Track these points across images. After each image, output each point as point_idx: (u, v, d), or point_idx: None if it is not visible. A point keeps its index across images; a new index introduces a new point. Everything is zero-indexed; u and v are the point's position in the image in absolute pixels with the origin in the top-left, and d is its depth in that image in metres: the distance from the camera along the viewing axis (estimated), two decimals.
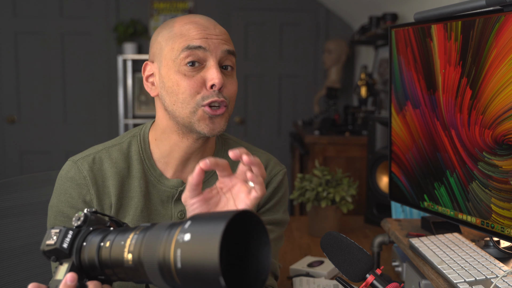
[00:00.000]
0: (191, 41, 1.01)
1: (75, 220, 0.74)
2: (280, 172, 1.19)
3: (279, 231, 1.20)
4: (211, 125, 1.03)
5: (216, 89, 1.01)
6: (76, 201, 1.06)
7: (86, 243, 0.71)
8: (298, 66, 4.38)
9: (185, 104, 1.02)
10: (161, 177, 1.11)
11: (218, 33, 1.04)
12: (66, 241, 0.72)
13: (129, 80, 4.29)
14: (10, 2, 4.20)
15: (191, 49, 1.01)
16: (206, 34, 1.02)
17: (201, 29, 1.03)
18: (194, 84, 1.01)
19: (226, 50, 1.03)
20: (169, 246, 0.59)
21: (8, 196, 1.34)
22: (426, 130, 1.37)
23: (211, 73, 1.01)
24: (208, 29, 1.03)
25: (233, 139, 1.22)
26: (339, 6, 4.17)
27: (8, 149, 4.35)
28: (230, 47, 1.05)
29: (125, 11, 4.27)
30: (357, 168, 2.93)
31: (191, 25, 1.03)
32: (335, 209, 2.01)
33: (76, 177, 1.07)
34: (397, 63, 1.44)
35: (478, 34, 1.16)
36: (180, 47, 1.02)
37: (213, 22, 1.06)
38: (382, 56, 3.51)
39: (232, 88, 1.05)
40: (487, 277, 1.05)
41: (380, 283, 0.94)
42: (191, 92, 1.01)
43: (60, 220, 1.07)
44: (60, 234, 0.72)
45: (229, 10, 4.32)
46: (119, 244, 0.67)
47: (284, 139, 4.35)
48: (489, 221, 1.19)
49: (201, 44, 1.01)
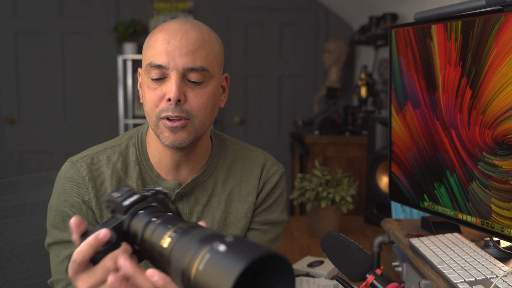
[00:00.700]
0: (154, 57, 1.00)
1: (144, 190, 0.78)
2: (277, 172, 1.19)
3: (276, 231, 1.20)
4: (172, 137, 1.02)
5: (172, 102, 0.99)
6: (75, 200, 1.07)
7: (143, 211, 0.74)
8: (298, 66, 4.38)
9: (149, 115, 1.04)
10: (158, 178, 1.11)
11: (183, 44, 1.00)
12: (128, 200, 0.75)
13: (129, 80, 4.29)
14: (10, 2, 4.20)
15: (153, 67, 1.00)
16: (169, 49, 1.00)
17: (166, 41, 1.00)
18: (154, 97, 1.01)
19: (187, 68, 1.00)
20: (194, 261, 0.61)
21: (8, 196, 1.34)
22: (426, 130, 1.37)
23: (169, 87, 1.00)
24: (174, 40, 1.00)
25: (230, 139, 1.22)
26: (339, 6, 4.17)
27: (8, 149, 4.34)
28: (195, 64, 1.00)
29: (125, 11, 4.27)
30: (357, 168, 2.93)
31: (160, 34, 1.01)
32: (335, 209, 2.01)
33: (75, 177, 1.07)
34: (397, 63, 1.44)
35: (478, 34, 1.16)
36: (147, 61, 1.03)
37: (187, 27, 1.02)
38: (382, 56, 3.51)
39: (198, 101, 1.02)
40: (487, 277, 1.05)
41: (380, 283, 0.94)
42: (151, 105, 1.02)
43: (59, 219, 1.07)
44: (127, 193, 0.76)
45: (229, 10, 4.32)
46: (162, 231, 0.69)
47: (284, 139, 4.35)
48: (489, 221, 1.19)
49: (161, 63, 1.00)
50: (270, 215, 1.19)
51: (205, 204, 1.13)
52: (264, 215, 1.18)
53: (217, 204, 1.14)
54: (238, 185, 1.16)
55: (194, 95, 1.01)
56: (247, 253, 0.58)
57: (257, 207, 1.18)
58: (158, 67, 1.00)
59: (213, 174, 1.15)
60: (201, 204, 1.13)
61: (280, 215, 1.20)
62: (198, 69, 1.00)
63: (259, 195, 1.18)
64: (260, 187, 1.17)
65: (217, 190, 1.14)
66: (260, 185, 1.17)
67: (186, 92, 1.01)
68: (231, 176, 1.16)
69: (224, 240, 0.61)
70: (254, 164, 1.18)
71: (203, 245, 0.62)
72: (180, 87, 0.99)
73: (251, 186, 1.16)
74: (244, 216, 1.16)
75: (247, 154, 1.19)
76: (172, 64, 0.99)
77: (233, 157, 1.18)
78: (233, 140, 1.22)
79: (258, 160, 1.19)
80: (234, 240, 0.61)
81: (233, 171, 1.16)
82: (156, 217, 0.73)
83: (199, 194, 1.13)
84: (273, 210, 1.19)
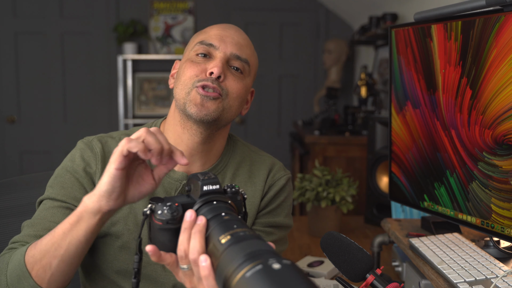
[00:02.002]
0: (207, 38, 1.09)
1: (228, 186, 0.81)
2: (283, 177, 1.20)
3: (279, 234, 1.20)
4: (200, 107, 1.05)
5: (214, 76, 1.05)
6: (80, 168, 1.08)
7: (216, 203, 0.77)
8: (298, 66, 4.38)
9: (183, 85, 1.07)
10: None
11: (235, 38, 1.10)
12: (208, 187, 0.78)
13: (129, 80, 4.29)
14: (10, 2, 4.20)
15: (203, 44, 1.08)
16: (223, 35, 1.09)
17: (221, 30, 1.11)
18: (196, 69, 1.07)
19: (235, 54, 1.09)
20: (244, 266, 0.61)
21: (8, 196, 1.34)
22: (426, 130, 1.37)
23: (214, 63, 1.06)
24: (228, 31, 1.11)
25: (241, 141, 1.24)
26: (339, 6, 4.17)
27: (8, 149, 4.34)
28: (242, 54, 1.10)
29: (125, 11, 4.27)
30: (357, 168, 2.93)
31: (217, 27, 1.12)
32: (335, 209, 2.01)
33: (87, 150, 1.10)
34: (397, 63, 1.44)
35: (478, 34, 1.16)
36: (197, 40, 1.10)
37: (238, 29, 1.13)
38: (382, 56, 3.51)
39: (234, 85, 1.08)
40: (487, 277, 1.05)
41: (380, 283, 0.94)
42: (191, 75, 1.07)
43: (58, 181, 1.08)
44: (210, 180, 0.79)
45: (229, 10, 4.32)
46: (226, 227, 0.71)
47: (284, 139, 4.35)
48: (489, 221, 1.19)
49: (212, 43, 1.08)
50: (274, 218, 1.19)
51: None
52: (268, 217, 1.19)
53: None
54: (244, 186, 1.17)
55: (232, 78, 1.09)
56: (297, 281, 0.56)
57: (262, 209, 1.18)
58: (208, 45, 1.08)
59: (222, 171, 1.16)
60: None
61: (284, 219, 1.20)
62: (243, 59, 1.10)
63: (264, 197, 1.18)
64: (265, 190, 1.18)
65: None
66: (266, 188, 1.18)
67: (226, 73, 1.08)
68: (238, 176, 1.17)
69: (281, 260, 0.60)
70: (261, 167, 1.19)
71: (258, 256, 0.62)
72: (224, 66, 1.07)
73: (257, 188, 1.17)
74: (248, 217, 1.16)
75: (255, 157, 1.21)
76: (223, 46, 1.08)
77: (242, 158, 1.19)
78: (244, 142, 1.24)
79: (266, 164, 1.20)
80: (291, 264, 0.60)
81: (240, 172, 1.18)
82: (226, 213, 0.74)
83: None
84: (277, 213, 1.20)
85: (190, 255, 0.73)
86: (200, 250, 0.72)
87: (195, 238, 0.73)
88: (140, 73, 4.33)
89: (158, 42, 4.27)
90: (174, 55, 4.18)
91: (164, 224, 0.76)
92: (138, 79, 4.33)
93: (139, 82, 4.34)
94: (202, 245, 0.72)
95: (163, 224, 0.76)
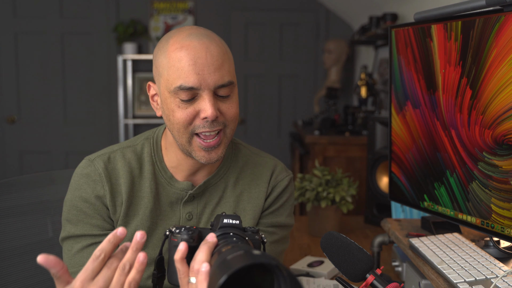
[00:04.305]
0: (183, 80, 1.00)
1: (250, 228, 0.89)
2: (285, 178, 1.23)
3: (281, 234, 1.23)
4: (207, 156, 1.06)
5: (209, 120, 1.02)
6: (90, 195, 1.09)
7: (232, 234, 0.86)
8: (298, 66, 4.38)
9: (180, 133, 1.05)
10: (171, 179, 1.14)
11: (210, 62, 1.00)
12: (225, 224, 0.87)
13: (129, 80, 4.28)
14: (10, 2, 4.20)
15: (184, 90, 1.00)
16: (198, 70, 1.00)
17: (192, 62, 1.00)
18: (187, 116, 1.03)
19: (219, 85, 1.02)
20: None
21: (8, 196, 1.34)
22: (426, 130, 1.37)
23: (203, 105, 1.01)
24: (199, 59, 1.00)
25: (243, 144, 1.25)
26: (339, 6, 4.17)
27: (8, 149, 4.34)
28: (225, 80, 1.02)
29: (125, 11, 4.27)
30: (357, 168, 2.93)
31: (182, 53, 1.00)
32: (335, 209, 2.01)
33: (91, 174, 1.10)
34: (397, 63, 1.44)
35: (478, 34, 1.16)
36: (174, 84, 1.01)
37: (206, 43, 1.02)
38: (382, 56, 3.51)
39: (230, 112, 1.06)
40: (487, 277, 1.05)
41: (380, 283, 0.94)
42: (184, 123, 1.03)
43: (72, 213, 1.10)
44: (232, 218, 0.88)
45: (229, 10, 4.32)
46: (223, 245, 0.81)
47: (284, 139, 4.35)
48: (489, 221, 1.19)
49: (193, 85, 1.00)
50: (276, 218, 1.21)
51: (215, 205, 1.17)
52: (270, 217, 1.21)
53: (227, 205, 1.17)
54: (247, 187, 1.19)
55: (226, 107, 1.05)
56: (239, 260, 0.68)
57: (265, 209, 1.21)
58: (189, 89, 1.00)
59: (224, 176, 1.18)
60: (212, 205, 1.16)
61: (286, 218, 1.23)
62: (226, 84, 1.03)
63: (267, 198, 1.21)
64: (269, 191, 1.21)
65: (227, 192, 1.18)
66: (269, 189, 1.21)
67: (219, 107, 1.04)
68: (242, 179, 1.19)
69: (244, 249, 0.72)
70: (264, 169, 1.21)
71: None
72: (215, 105, 1.02)
73: (260, 189, 1.19)
74: (252, 218, 1.18)
75: (257, 159, 1.23)
76: (204, 84, 1.01)
77: (244, 161, 1.21)
78: (245, 145, 1.25)
79: (268, 166, 1.22)
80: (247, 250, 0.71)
81: (244, 175, 1.20)
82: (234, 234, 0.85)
83: (210, 195, 1.16)
84: (280, 213, 1.22)
85: (195, 265, 0.78)
86: (203, 260, 0.77)
87: (202, 251, 0.79)
88: (140, 73, 4.33)
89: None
90: None
91: (179, 241, 0.83)
92: (138, 79, 4.33)
93: (139, 82, 4.34)
94: (207, 257, 0.78)
95: (178, 240, 0.83)
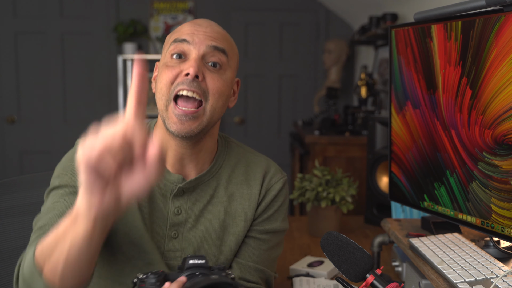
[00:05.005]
0: (179, 35, 1.05)
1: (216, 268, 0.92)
2: (280, 180, 1.19)
3: (276, 240, 1.20)
4: (179, 125, 1.02)
5: (190, 77, 1.00)
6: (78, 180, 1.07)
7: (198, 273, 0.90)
8: (298, 66, 4.38)
9: (161, 94, 1.04)
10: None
11: (209, 31, 1.06)
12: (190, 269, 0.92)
13: (129, 80, 4.29)
14: (10, 2, 4.20)
15: (177, 42, 1.04)
16: (194, 30, 1.05)
17: (192, 26, 1.06)
18: (172, 73, 1.03)
19: (211, 46, 1.04)
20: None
21: (8, 196, 1.34)
22: (426, 130, 1.37)
23: (188, 63, 1.02)
24: (200, 27, 1.06)
25: (235, 142, 1.22)
26: (339, 6, 4.17)
27: (8, 149, 4.34)
28: (218, 44, 1.05)
29: (125, 11, 4.27)
30: (357, 168, 2.93)
31: (188, 23, 1.08)
32: (335, 209, 2.01)
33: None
34: (397, 63, 1.44)
35: (478, 34, 1.16)
36: (170, 41, 1.07)
37: (211, 23, 1.09)
38: (382, 56, 3.51)
39: (215, 84, 1.03)
40: (487, 277, 1.05)
41: (380, 283, 0.94)
42: (167, 81, 1.02)
43: (63, 173, 1.07)
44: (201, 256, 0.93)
45: (229, 10, 4.32)
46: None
47: (284, 139, 4.35)
48: (489, 221, 1.19)
49: (185, 38, 1.04)
50: (271, 225, 1.18)
51: (206, 204, 1.13)
52: (265, 224, 1.18)
53: (218, 205, 1.14)
54: (239, 188, 1.16)
55: (211, 77, 1.04)
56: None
57: (259, 215, 1.17)
58: (182, 41, 1.04)
59: (216, 174, 1.15)
60: (202, 203, 1.13)
61: (281, 223, 1.20)
62: (220, 48, 1.04)
63: (261, 202, 1.17)
64: (262, 194, 1.17)
65: (219, 191, 1.14)
66: (262, 192, 1.17)
67: (205, 72, 1.03)
68: (234, 178, 1.16)
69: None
70: (256, 169, 1.18)
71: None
72: (200, 66, 1.02)
73: (253, 191, 1.16)
74: (243, 220, 1.15)
75: (251, 158, 1.20)
76: (196, 40, 1.03)
77: (237, 159, 1.18)
78: (238, 143, 1.22)
79: (261, 166, 1.19)
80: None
81: (236, 174, 1.16)
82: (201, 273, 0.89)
83: (201, 192, 1.13)
84: (274, 219, 1.19)
85: None
86: None
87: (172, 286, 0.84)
88: None
89: (158, 42, 4.26)
90: None
91: (146, 286, 0.86)
92: None
93: None
94: None
95: (146, 285, 0.86)
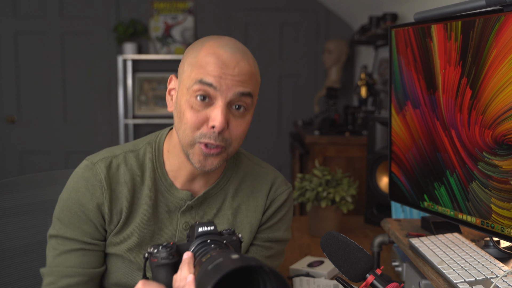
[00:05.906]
0: (205, 75, 1.00)
1: (226, 230, 0.91)
2: (285, 192, 1.21)
3: (278, 248, 1.21)
4: (203, 162, 1.03)
5: (216, 131, 1.00)
6: (87, 201, 1.07)
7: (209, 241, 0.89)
8: (298, 66, 4.38)
9: (186, 134, 1.03)
10: (171, 187, 1.12)
11: (236, 73, 1.00)
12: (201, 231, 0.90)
13: (129, 80, 4.28)
14: (10, 2, 4.20)
15: (203, 84, 0.99)
16: (221, 73, 0.99)
17: (219, 66, 1.00)
18: (197, 119, 1.01)
19: (239, 93, 1.01)
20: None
21: (8, 196, 1.34)
22: (426, 130, 1.37)
23: (215, 114, 1.00)
24: (227, 68, 1.00)
25: (244, 153, 1.23)
26: (339, 6, 4.17)
27: (8, 149, 4.34)
28: (245, 89, 1.02)
29: (125, 11, 4.27)
30: (357, 168, 2.93)
31: (212, 58, 1.01)
32: (335, 209, 2.01)
33: (92, 178, 1.07)
34: (397, 63, 1.45)
35: (478, 34, 1.16)
36: (195, 78, 1.01)
37: (238, 58, 1.02)
38: (382, 56, 3.51)
39: (238, 130, 1.03)
40: (487, 277, 1.05)
41: (380, 283, 0.94)
42: (192, 126, 1.01)
43: (65, 214, 1.08)
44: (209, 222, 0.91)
45: (229, 10, 4.32)
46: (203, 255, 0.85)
47: (284, 139, 4.35)
48: (489, 221, 1.19)
49: (212, 82, 0.99)
50: (274, 233, 1.20)
51: (213, 217, 1.15)
52: (268, 232, 1.19)
53: (224, 218, 1.15)
54: (246, 200, 1.17)
55: (235, 124, 1.03)
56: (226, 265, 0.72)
57: (262, 224, 1.19)
58: (208, 85, 0.99)
59: (224, 187, 1.16)
60: (209, 215, 1.14)
61: (284, 233, 1.21)
62: (246, 93, 1.02)
63: (265, 212, 1.19)
64: (267, 205, 1.19)
65: (226, 204, 1.16)
66: (268, 202, 1.19)
67: (229, 120, 1.02)
68: (241, 191, 1.17)
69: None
70: (263, 182, 1.19)
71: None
72: (226, 116, 1.00)
73: (259, 203, 1.18)
74: (249, 232, 1.17)
75: (258, 170, 1.21)
76: (223, 87, 0.99)
77: (245, 172, 1.19)
78: (246, 154, 1.23)
79: (268, 178, 1.20)
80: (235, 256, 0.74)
81: (243, 186, 1.18)
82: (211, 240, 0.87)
83: (209, 205, 1.15)
84: (277, 228, 1.20)
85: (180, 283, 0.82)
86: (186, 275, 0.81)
87: (182, 269, 0.82)
88: (140, 73, 4.33)
89: (158, 42, 4.26)
90: (174, 55, 4.18)
91: (159, 260, 0.85)
92: (138, 79, 4.33)
93: (139, 82, 4.34)
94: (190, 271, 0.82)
95: (158, 260, 0.85)
